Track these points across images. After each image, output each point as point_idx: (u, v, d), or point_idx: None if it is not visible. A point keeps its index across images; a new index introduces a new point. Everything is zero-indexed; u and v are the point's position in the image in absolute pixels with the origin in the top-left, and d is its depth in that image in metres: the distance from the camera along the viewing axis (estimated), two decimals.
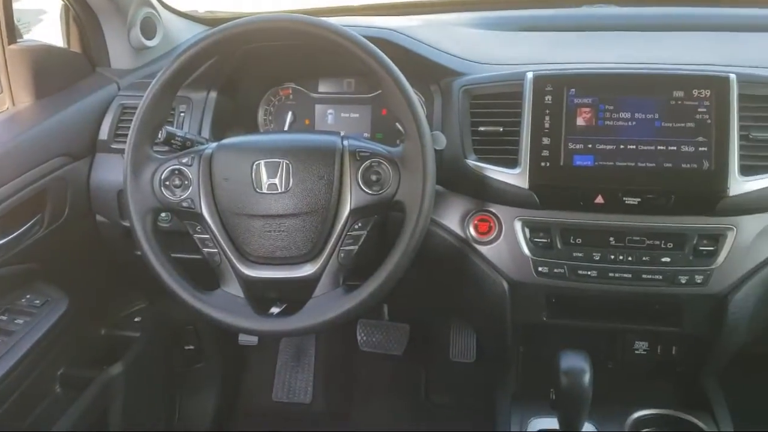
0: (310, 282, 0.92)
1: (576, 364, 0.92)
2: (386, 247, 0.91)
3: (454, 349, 1.70)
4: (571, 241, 1.01)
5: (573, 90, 0.98)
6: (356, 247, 0.93)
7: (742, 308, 1.00)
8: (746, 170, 0.94)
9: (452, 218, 1.07)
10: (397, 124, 1.09)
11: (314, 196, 0.92)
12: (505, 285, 1.06)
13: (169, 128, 0.99)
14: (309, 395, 1.73)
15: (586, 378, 0.90)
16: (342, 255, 0.92)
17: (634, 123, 0.96)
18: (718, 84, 0.94)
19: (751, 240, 0.97)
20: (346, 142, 0.94)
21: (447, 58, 1.12)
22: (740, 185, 0.93)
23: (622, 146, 0.96)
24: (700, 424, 1.05)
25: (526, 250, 1.03)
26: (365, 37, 0.89)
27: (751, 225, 0.97)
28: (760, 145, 0.94)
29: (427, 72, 1.12)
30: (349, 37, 0.88)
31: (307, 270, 0.93)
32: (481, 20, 1.33)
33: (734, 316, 1.00)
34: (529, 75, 1.00)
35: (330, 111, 1.28)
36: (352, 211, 0.92)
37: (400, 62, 0.91)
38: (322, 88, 1.28)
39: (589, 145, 0.97)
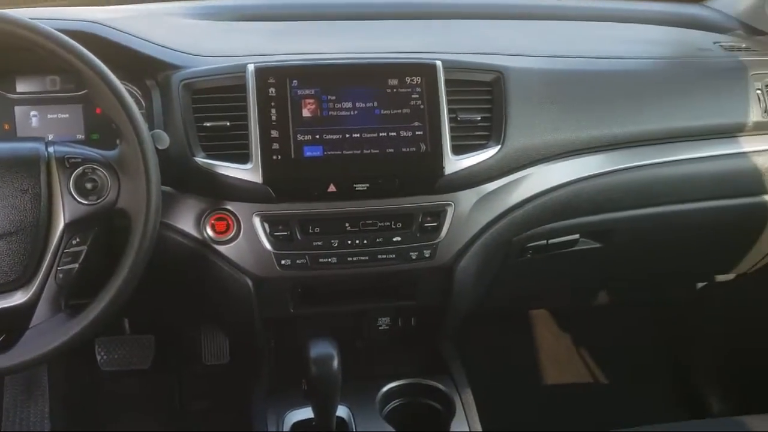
0: (24, 310, 0.82)
1: (324, 351, 0.93)
2: (114, 259, 0.83)
3: (207, 353, 1.64)
4: (310, 231, 1.02)
5: (296, 81, 0.98)
6: (76, 265, 0.84)
7: (467, 275, 1.10)
8: (458, 150, 1.02)
9: (186, 220, 1.02)
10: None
11: (19, 213, 0.81)
12: (250, 282, 1.04)
13: None
14: (47, 427, 1.55)
15: (335, 364, 0.92)
16: (60, 276, 0.83)
17: (356, 112, 0.99)
18: (427, 71, 1.01)
19: (468, 212, 1.07)
20: (51, 149, 0.84)
21: (162, 51, 1.05)
22: (454, 164, 1.01)
23: (347, 135, 0.99)
24: (441, 386, 1.14)
25: (267, 245, 1.01)
26: (62, 30, 0.79)
27: (466, 199, 1.06)
28: (467, 126, 1.04)
29: (141, 66, 1.04)
30: (40, 32, 0.78)
31: (18, 298, 0.82)
32: (197, 10, 1.27)
33: (460, 283, 1.09)
34: (251, 67, 0.98)
35: (34, 113, 1.12)
36: (67, 226, 0.83)
37: (109, 57, 0.83)
38: (21, 87, 1.11)
39: (317, 136, 0.98)
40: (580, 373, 1.78)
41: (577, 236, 1.20)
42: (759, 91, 1.19)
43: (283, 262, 1.02)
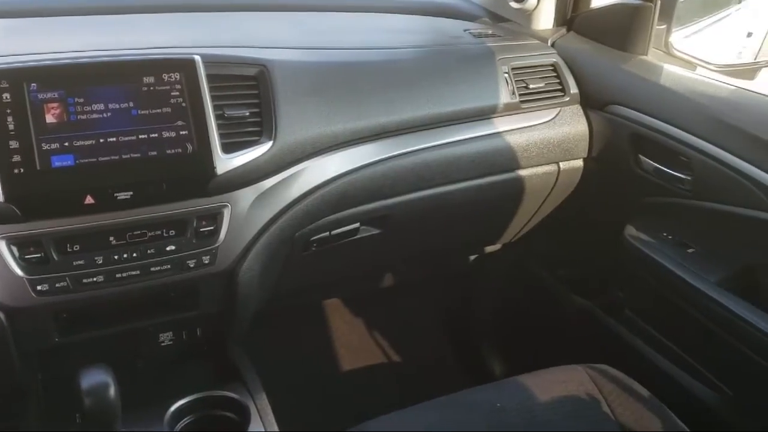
0: None
1: (97, 379, 0.85)
2: None
3: None
4: (69, 249, 0.91)
5: (34, 85, 0.87)
6: None
7: (251, 276, 1.06)
8: (228, 148, 0.97)
9: None
10: None
11: None
12: (1, 315, 0.91)
13: None
14: None
15: (111, 392, 0.84)
16: None
17: (110, 114, 0.90)
18: (186, 67, 0.95)
19: (246, 212, 1.03)
20: None
21: None
22: (225, 163, 0.96)
23: (102, 140, 0.90)
24: (233, 395, 1.09)
25: (18, 271, 0.89)
26: None
27: (243, 199, 1.02)
28: (236, 122, 0.99)
29: None
30: None
31: None
32: None
33: (245, 286, 1.05)
34: None
35: None
36: None
37: None
38: None
39: (66, 144, 0.88)
40: (375, 356, 1.83)
41: (357, 225, 1.22)
42: (506, 75, 1.29)
43: (39, 288, 0.90)
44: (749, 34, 1.54)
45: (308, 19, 1.39)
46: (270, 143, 1.01)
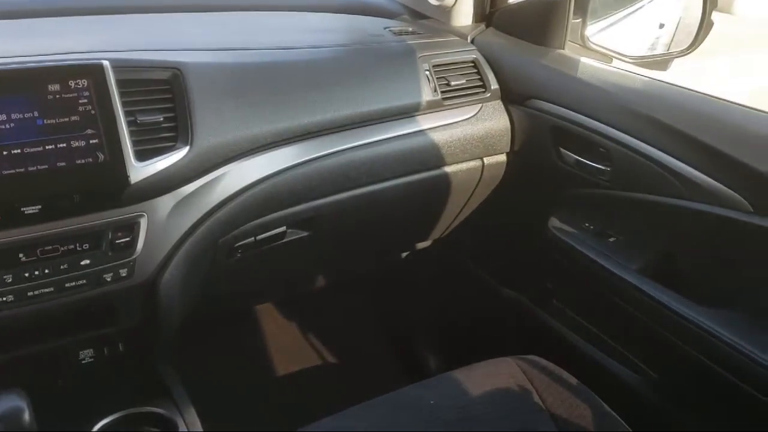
0: None
1: (10, 404, 0.80)
2: None
3: None
4: None
5: None
6: None
7: (173, 287, 1.02)
8: (143, 155, 0.93)
9: None
10: None
11: None
12: None
13: None
14: None
15: (26, 417, 0.80)
16: None
17: (13, 125, 0.85)
18: (93, 72, 0.90)
19: (164, 221, 0.99)
20: None
21: None
22: (139, 171, 0.92)
23: (5, 152, 0.84)
24: (162, 411, 1.06)
25: None
26: None
27: (161, 207, 0.99)
28: (149, 128, 0.96)
29: None
30: None
31: None
32: None
33: (167, 297, 1.02)
34: None
35: None
36: None
37: None
38: None
39: None
40: (311, 358, 1.81)
41: (284, 228, 1.20)
42: (427, 72, 1.29)
43: None
44: (661, 25, 1.58)
45: (224, 19, 1.36)
46: (187, 149, 0.98)
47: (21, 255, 0.89)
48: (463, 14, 1.49)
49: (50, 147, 0.87)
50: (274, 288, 1.65)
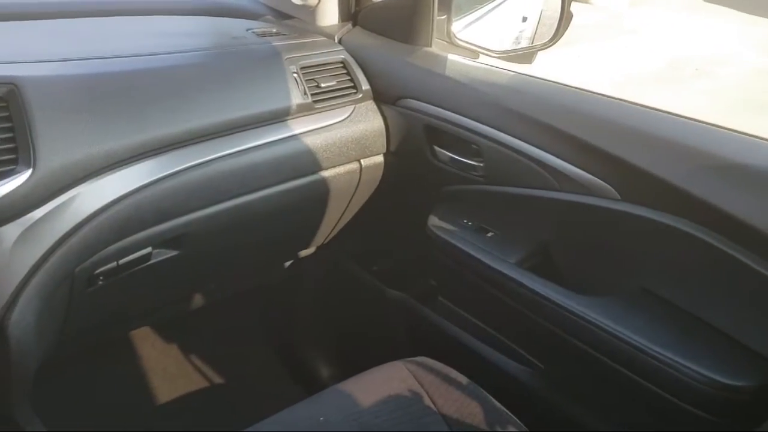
0: None
1: None
2: None
3: None
4: None
5: None
6: None
7: (24, 327, 0.92)
8: None
9: None
10: None
11: None
12: None
13: None
14: None
15: None
16: None
17: None
18: None
19: (9, 253, 0.89)
20: None
21: None
22: None
23: None
24: None
25: None
26: None
27: (5, 238, 0.89)
28: None
29: None
30: None
31: None
32: None
33: (18, 341, 0.91)
34: None
35: None
36: None
37: None
38: None
39: None
40: (196, 381, 1.72)
41: (149, 249, 1.11)
42: (295, 75, 1.25)
43: None
44: (525, 19, 1.62)
45: (70, 26, 1.25)
46: (29, 171, 0.88)
47: None
48: (329, 13, 1.45)
49: None
50: (149, 311, 1.54)
